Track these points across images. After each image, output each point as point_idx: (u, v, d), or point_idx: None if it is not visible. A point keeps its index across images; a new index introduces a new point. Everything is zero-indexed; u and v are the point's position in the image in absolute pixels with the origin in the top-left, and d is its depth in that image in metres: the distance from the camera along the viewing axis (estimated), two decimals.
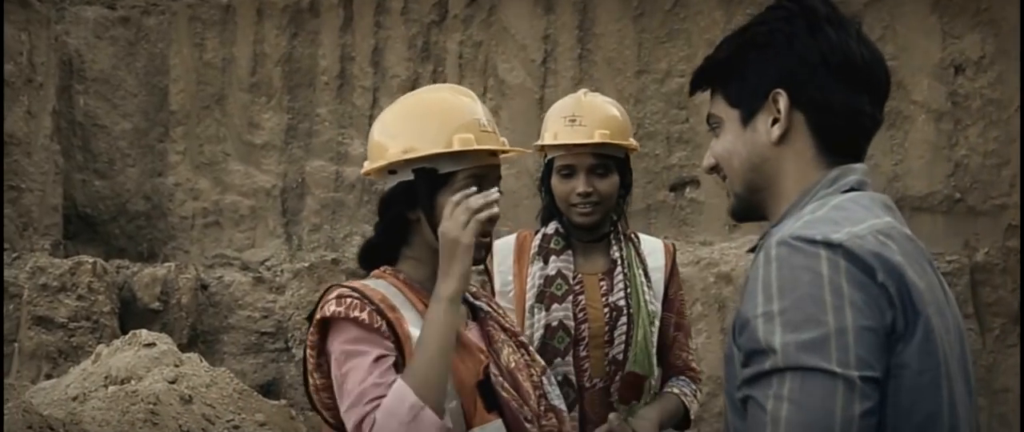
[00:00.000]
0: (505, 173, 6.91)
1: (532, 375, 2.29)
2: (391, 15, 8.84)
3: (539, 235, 3.02)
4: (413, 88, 8.85)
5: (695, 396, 3.00)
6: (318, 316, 2.10)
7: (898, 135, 8.03)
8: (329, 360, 2.09)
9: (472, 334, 2.25)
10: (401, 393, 1.97)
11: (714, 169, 1.72)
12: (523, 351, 2.32)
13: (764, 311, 1.43)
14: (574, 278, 2.93)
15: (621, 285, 2.93)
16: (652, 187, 8.48)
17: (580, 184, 2.88)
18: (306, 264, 8.35)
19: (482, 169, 2.21)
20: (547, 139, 2.95)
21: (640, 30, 8.50)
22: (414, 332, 2.08)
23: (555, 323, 2.88)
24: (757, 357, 1.43)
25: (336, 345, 2.07)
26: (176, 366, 5.66)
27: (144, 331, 6.08)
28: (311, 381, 2.13)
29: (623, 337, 2.88)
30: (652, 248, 3.06)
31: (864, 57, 1.61)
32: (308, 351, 2.14)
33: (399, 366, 2.05)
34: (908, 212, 7.94)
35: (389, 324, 2.07)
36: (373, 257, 2.28)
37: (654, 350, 2.91)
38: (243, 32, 9.02)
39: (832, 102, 1.60)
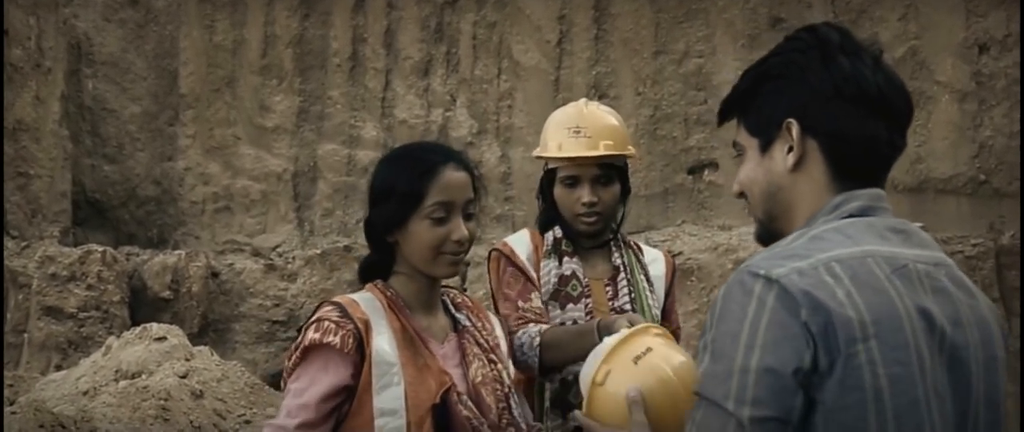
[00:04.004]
0: (521, 156, 6.72)
1: (497, 390, 2.40)
2: None
3: (549, 235, 3.08)
4: (427, 71, 8.78)
5: None
6: (302, 345, 2.25)
7: (921, 116, 7.89)
8: None
9: (449, 347, 2.39)
10: None
11: (742, 195, 1.76)
12: (493, 366, 2.44)
13: (705, 338, 1.56)
14: (582, 282, 3.01)
15: (626, 290, 3.01)
16: (669, 170, 8.35)
17: (585, 194, 2.95)
18: (318, 250, 8.26)
19: (450, 203, 2.34)
20: (552, 150, 3.01)
21: (657, 10, 8.35)
22: (376, 344, 2.24)
23: (569, 322, 2.93)
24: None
25: (303, 369, 2.24)
26: (187, 360, 5.59)
27: (154, 324, 6.01)
28: None
29: None
30: (653, 257, 3.14)
31: (880, 86, 1.66)
32: (286, 374, 2.30)
33: (352, 391, 2.22)
34: (932, 194, 7.81)
35: (360, 344, 2.23)
36: (370, 274, 2.42)
37: None
38: (254, 13, 8.91)
39: (846, 130, 1.66)
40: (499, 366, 2.45)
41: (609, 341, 2.55)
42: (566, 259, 3.03)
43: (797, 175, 1.68)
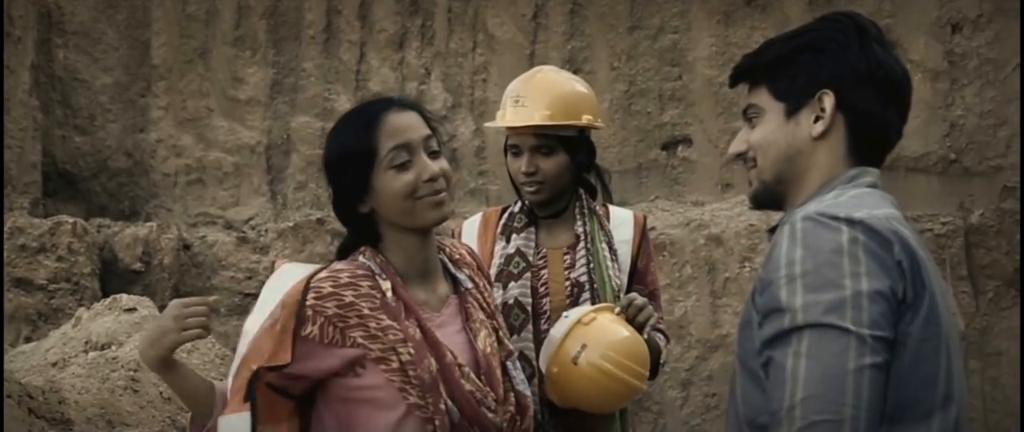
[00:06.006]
0: (495, 130, 6.67)
1: (500, 360, 2.31)
2: None
3: (506, 213, 3.11)
4: (401, 43, 8.74)
5: (665, 347, 3.08)
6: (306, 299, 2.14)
7: None
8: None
9: (448, 313, 2.27)
10: None
11: (740, 156, 1.86)
12: (495, 334, 2.33)
13: (787, 273, 1.60)
14: (538, 253, 3.01)
15: (583, 260, 3.00)
16: (643, 146, 8.37)
17: (523, 164, 2.97)
18: (291, 224, 8.23)
19: (407, 144, 2.21)
20: (498, 119, 3.05)
21: None
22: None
23: (511, 301, 2.95)
24: (775, 315, 1.60)
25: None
26: None
27: (125, 295, 5.97)
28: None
29: None
30: (621, 220, 3.13)
31: (901, 76, 1.80)
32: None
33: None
34: (903, 173, 7.87)
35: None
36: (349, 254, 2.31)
37: None
38: None
39: (871, 111, 1.78)
40: (499, 333, 2.34)
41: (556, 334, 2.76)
42: (514, 236, 3.03)
43: (819, 143, 1.79)
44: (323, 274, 2.19)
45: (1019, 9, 7.64)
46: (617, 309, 2.80)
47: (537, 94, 2.98)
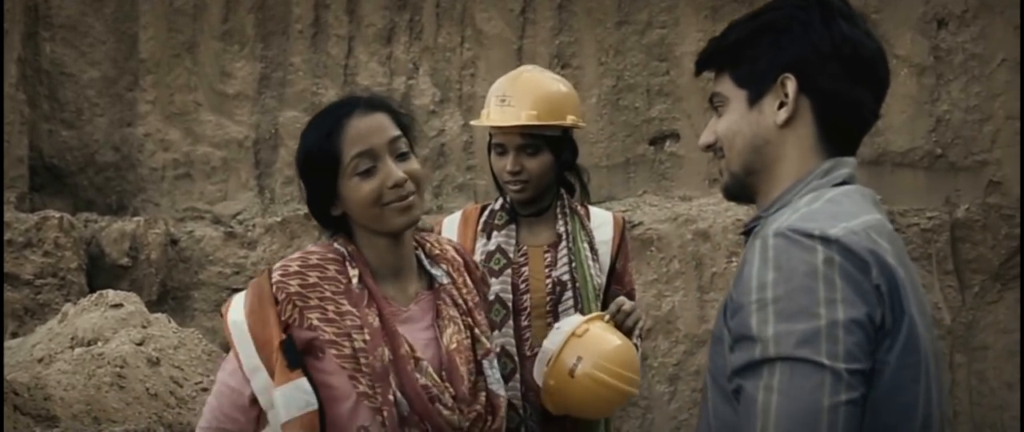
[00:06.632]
0: (483, 125, 6.53)
1: (470, 359, 2.26)
2: None
3: (487, 211, 3.13)
4: (390, 38, 8.73)
5: (639, 346, 3.08)
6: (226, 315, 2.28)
7: None
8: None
9: (417, 308, 2.24)
10: None
11: (710, 147, 1.76)
12: (469, 331, 2.29)
13: (758, 298, 1.49)
14: (519, 251, 3.03)
15: (565, 259, 3.01)
16: (631, 141, 8.37)
17: (509, 163, 3.00)
18: (279, 218, 8.23)
19: (371, 151, 2.19)
20: (482, 118, 3.07)
21: None
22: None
23: (492, 297, 2.96)
24: (746, 343, 1.49)
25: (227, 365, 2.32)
26: (144, 327, 5.56)
27: (111, 291, 5.96)
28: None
29: (570, 311, 2.99)
30: (601, 221, 3.16)
31: (872, 52, 1.68)
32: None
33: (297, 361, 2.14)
34: (889, 168, 7.88)
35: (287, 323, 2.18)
36: None
37: None
38: None
39: (838, 92, 1.67)
40: (476, 331, 2.30)
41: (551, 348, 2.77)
42: (495, 233, 3.05)
43: (785, 131, 1.68)
44: (295, 254, 2.24)
45: (1004, 5, 7.66)
46: (607, 317, 2.83)
47: (523, 94, 3.00)
